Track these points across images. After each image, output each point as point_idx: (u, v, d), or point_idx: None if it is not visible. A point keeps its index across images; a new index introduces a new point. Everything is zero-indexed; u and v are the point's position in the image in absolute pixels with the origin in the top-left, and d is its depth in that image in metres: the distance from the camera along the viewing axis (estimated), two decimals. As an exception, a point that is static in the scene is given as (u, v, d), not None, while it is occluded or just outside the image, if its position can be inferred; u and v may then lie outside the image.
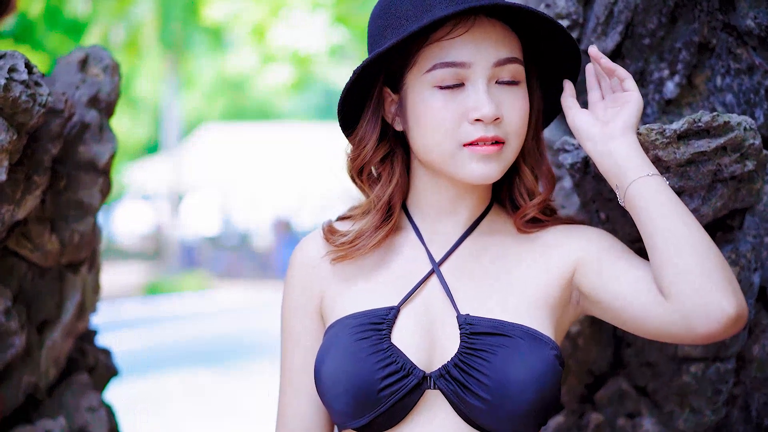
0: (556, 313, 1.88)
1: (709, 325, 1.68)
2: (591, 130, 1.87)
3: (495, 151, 1.82)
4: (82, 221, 2.48)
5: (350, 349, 1.81)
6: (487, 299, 1.86)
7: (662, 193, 1.78)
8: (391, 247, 1.96)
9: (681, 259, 1.71)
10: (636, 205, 1.79)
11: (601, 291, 1.84)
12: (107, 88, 2.49)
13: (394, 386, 1.78)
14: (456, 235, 1.95)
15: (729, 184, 2.08)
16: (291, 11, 18.18)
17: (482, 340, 1.79)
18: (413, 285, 1.89)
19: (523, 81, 1.86)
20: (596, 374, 2.45)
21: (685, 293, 1.69)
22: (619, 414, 2.40)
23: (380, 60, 1.84)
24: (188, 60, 22.84)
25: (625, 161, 1.82)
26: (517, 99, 1.84)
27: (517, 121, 1.85)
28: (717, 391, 2.24)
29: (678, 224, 1.74)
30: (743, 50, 2.20)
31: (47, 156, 2.29)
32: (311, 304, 1.97)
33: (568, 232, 1.94)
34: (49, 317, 2.52)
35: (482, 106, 1.79)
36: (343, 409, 1.81)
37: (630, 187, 1.80)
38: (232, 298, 19.05)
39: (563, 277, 1.89)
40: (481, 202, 1.97)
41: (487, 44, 1.81)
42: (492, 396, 1.75)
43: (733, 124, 1.99)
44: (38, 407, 2.52)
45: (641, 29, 2.26)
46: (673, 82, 2.27)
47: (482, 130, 1.81)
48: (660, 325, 1.75)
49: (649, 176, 1.80)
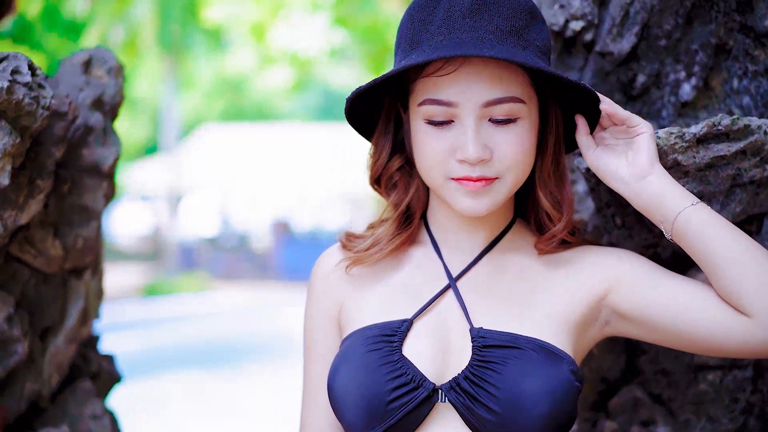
0: (577, 331, 1.85)
1: None
2: (618, 173, 1.85)
3: (481, 186, 1.79)
4: (86, 226, 2.44)
5: (361, 361, 1.80)
6: (504, 316, 1.83)
7: (711, 220, 1.78)
8: (409, 260, 1.95)
9: (755, 278, 1.73)
10: (688, 236, 1.79)
11: (652, 312, 1.83)
12: (111, 90, 2.45)
13: (403, 398, 1.76)
14: (475, 250, 1.92)
15: (748, 189, 2.04)
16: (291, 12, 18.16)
17: (494, 353, 1.76)
18: (429, 298, 1.87)
19: (525, 117, 1.79)
20: (610, 382, 2.41)
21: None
22: (633, 422, 2.36)
23: (380, 84, 1.82)
24: (187, 60, 22.83)
25: (664, 196, 1.80)
26: (512, 137, 1.78)
27: (512, 158, 1.79)
28: (734, 399, 2.21)
29: (738, 246, 1.76)
30: (761, 52, 2.16)
31: (51, 160, 2.25)
32: (330, 316, 1.97)
33: (599, 252, 1.92)
34: (52, 324, 2.48)
35: (466, 148, 1.76)
36: (354, 421, 1.79)
37: (677, 221, 1.79)
38: (231, 299, 19.05)
39: (591, 297, 1.86)
40: (501, 219, 1.94)
41: (477, 85, 1.76)
42: (502, 409, 1.72)
43: (753, 127, 1.96)
44: (41, 415, 2.47)
45: (657, 30, 2.22)
46: (689, 84, 2.23)
47: (467, 170, 1.78)
48: (744, 340, 1.76)
49: (693, 206, 1.79)
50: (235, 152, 26.51)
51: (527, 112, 1.80)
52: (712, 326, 1.78)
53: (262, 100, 29.88)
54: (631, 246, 2.17)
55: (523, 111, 1.79)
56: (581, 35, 2.28)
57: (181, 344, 13.30)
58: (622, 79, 2.29)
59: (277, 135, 27.38)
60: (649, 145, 1.83)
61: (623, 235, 2.17)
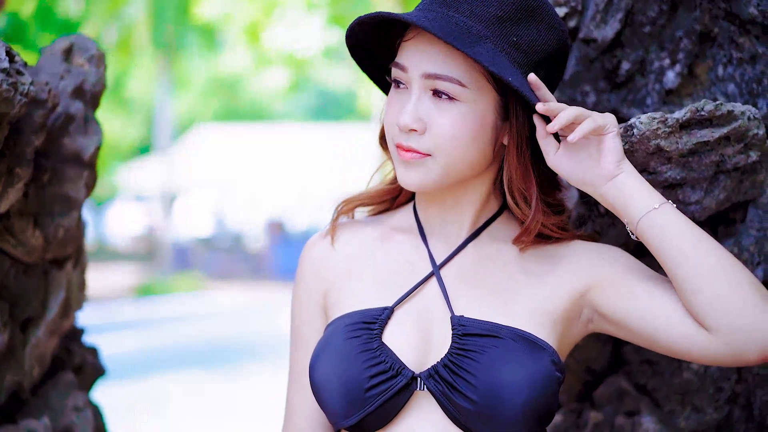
0: (561, 326, 1.83)
1: (758, 351, 1.66)
2: (583, 176, 1.78)
3: (411, 158, 1.79)
4: (66, 216, 2.41)
5: (341, 349, 1.79)
6: (487, 305, 1.82)
7: (673, 226, 1.72)
8: (396, 248, 1.94)
9: (715, 290, 1.67)
10: (650, 240, 1.74)
11: (626, 315, 1.80)
12: (93, 79, 2.42)
13: (381, 386, 1.75)
14: (460, 239, 1.91)
15: (732, 176, 2.03)
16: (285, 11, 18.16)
17: (473, 342, 1.75)
18: (412, 286, 1.87)
19: (467, 101, 1.77)
20: (595, 372, 2.40)
21: (730, 326, 1.66)
22: (618, 412, 2.35)
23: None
24: (181, 60, 22.83)
25: (631, 197, 1.74)
26: (447, 116, 1.77)
27: (442, 136, 1.77)
28: (719, 388, 2.19)
29: (700, 253, 1.69)
30: (746, 39, 2.15)
31: (30, 148, 2.23)
32: (316, 301, 1.97)
33: (587, 249, 1.88)
34: (33, 315, 2.45)
35: (402, 114, 1.78)
36: (333, 408, 1.79)
37: (640, 224, 1.74)
38: (226, 299, 19.03)
39: (572, 293, 1.84)
40: (487, 208, 1.92)
41: (424, 54, 1.77)
42: (480, 398, 1.71)
43: (737, 113, 1.94)
44: (22, 407, 2.45)
45: (641, 17, 2.21)
46: (673, 71, 2.22)
47: (401, 137, 1.80)
48: (705, 354, 1.72)
49: (656, 209, 1.73)
50: (229, 152, 26.51)
51: (470, 98, 1.77)
52: (677, 337, 1.74)
53: (257, 100, 29.88)
54: (615, 234, 2.15)
55: (463, 95, 1.77)
56: (565, 22, 2.26)
57: (175, 345, 13.29)
58: (607, 66, 2.28)
59: (271, 135, 27.38)
60: (613, 145, 1.76)
61: (606, 223, 2.16)
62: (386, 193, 2.02)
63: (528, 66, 1.79)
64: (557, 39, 1.82)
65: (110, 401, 2.84)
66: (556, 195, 1.91)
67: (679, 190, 2.03)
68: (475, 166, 1.83)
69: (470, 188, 1.88)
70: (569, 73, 2.35)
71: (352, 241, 1.98)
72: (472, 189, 1.88)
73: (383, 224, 1.99)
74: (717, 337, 1.68)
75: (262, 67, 21.74)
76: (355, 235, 1.99)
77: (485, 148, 1.81)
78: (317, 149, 25.46)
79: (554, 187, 1.90)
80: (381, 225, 2.00)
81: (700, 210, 2.05)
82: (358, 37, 1.88)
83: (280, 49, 18.65)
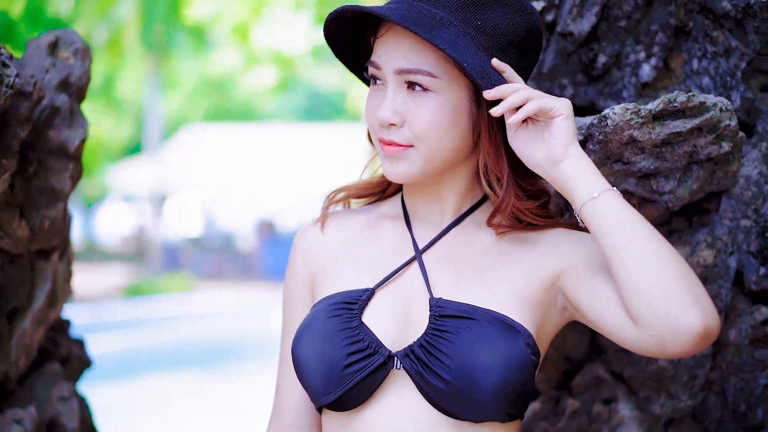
0: (538, 312, 1.85)
1: (680, 345, 1.65)
2: (534, 157, 1.80)
3: (394, 152, 1.84)
4: (52, 207, 2.44)
5: (322, 327, 1.84)
6: (465, 288, 1.85)
7: (611, 215, 1.72)
8: (384, 233, 1.99)
9: (641, 283, 1.67)
10: (591, 227, 1.75)
11: (582, 301, 1.82)
12: (78, 72, 2.45)
13: (359, 364, 1.80)
14: (443, 224, 1.95)
15: (705, 166, 2.07)
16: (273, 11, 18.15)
17: (449, 323, 1.79)
18: (394, 269, 1.91)
19: (439, 91, 1.81)
20: (573, 361, 2.44)
21: (652, 319, 1.66)
22: (595, 400, 2.39)
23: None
24: (171, 60, 22.79)
25: (576, 183, 1.75)
26: (423, 107, 1.82)
27: (420, 127, 1.82)
28: (693, 376, 2.23)
29: (632, 244, 1.69)
30: (719, 33, 2.19)
31: (16, 140, 2.26)
32: (304, 285, 2.02)
33: (564, 237, 1.90)
34: (20, 305, 2.48)
35: (380, 110, 1.83)
36: (313, 385, 1.84)
37: (581, 211, 1.75)
38: (216, 299, 19.01)
39: (546, 280, 1.86)
40: (470, 195, 1.96)
41: (395, 50, 1.83)
42: (454, 378, 1.74)
43: (709, 104, 1.98)
44: (8, 397, 2.48)
45: (617, 11, 2.25)
46: (649, 65, 2.26)
47: (383, 132, 1.85)
48: (636, 346, 1.72)
49: (596, 197, 1.73)
50: (219, 152, 26.48)
51: (443, 87, 1.81)
52: (612, 325, 1.75)
53: (246, 100, 29.85)
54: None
55: (436, 85, 1.81)
56: (542, 16, 2.31)
57: (167, 345, 13.27)
58: (584, 59, 2.32)
59: (261, 135, 27.36)
60: (562, 129, 1.76)
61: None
62: (376, 184, 2.07)
63: (494, 49, 1.82)
64: (525, 21, 1.85)
65: (98, 400, 2.86)
66: (535, 181, 1.93)
67: (653, 179, 2.07)
68: (457, 153, 1.87)
69: (453, 176, 1.92)
70: (547, 66, 2.39)
71: (341, 228, 2.03)
72: (454, 176, 1.92)
73: (372, 213, 2.05)
74: (642, 329, 1.68)
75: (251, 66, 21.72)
76: (345, 223, 2.04)
77: (464, 134, 1.85)
78: (307, 149, 25.46)
79: (532, 173, 1.92)
80: (370, 213, 2.05)
81: (674, 200, 2.09)
82: (336, 36, 1.93)
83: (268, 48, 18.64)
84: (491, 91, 1.76)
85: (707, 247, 2.16)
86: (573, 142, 1.77)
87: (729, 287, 2.18)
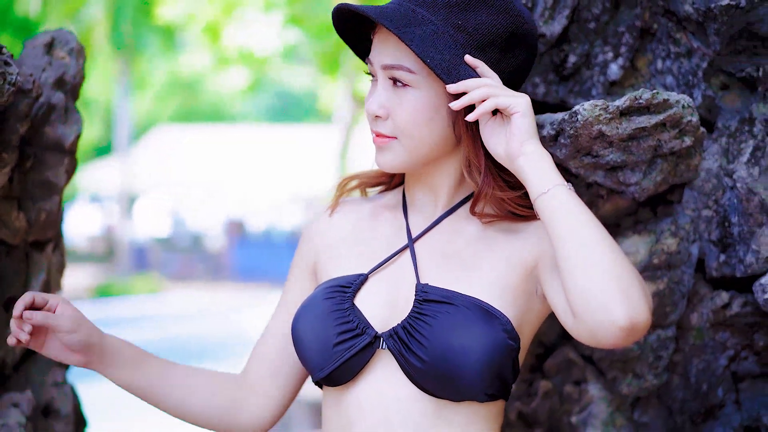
0: (519, 300, 1.94)
1: (609, 338, 1.75)
2: (498, 152, 1.90)
3: (381, 143, 1.98)
4: (48, 200, 2.54)
5: (318, 308, 1.98)
6: (452, 276, 1.95)
7: (560, 210, 1.80)
8: (382, 223, 2.11)
9: (577, 277, 1.76)
10: (543, 221, 1.85)
11: (546, 292, 1.92)
12: (73, 71, 2.56)
13: (347, 343, 1.93)
14: (436, 215, 2.05)
15: (669, 159, 2.20)
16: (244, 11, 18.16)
17: (430, 307, 1.89)
18: (388, 256, 2.03)
19: (418, 87, 1.92)
20: (546, 345, 2.56)
21: (584, 313, 1.75)
22: (566, 381, 2.50)
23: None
24: (140, 61, 22.74)
25: (530, 179, 1.85)
26: (404, 101, 1.93)
27: (402, 120, 1.94)
28: (658, 357, 2.36)
29: (575, 240, 1.78)
30: (682, 35, 2.32)
31: (16, 135, 2.36)
32: (305, 266, 2.16)
33: (543, 227, 1.95)
34: (16, 295, 2.57)
35: (367, 103, 1.97)
36: (309, 361, 1.98)
37: (535, 205, 1.85)
38: (185, 300, 18.97)
39: (524, 268, 1.95)
40: (463, 188, 2.05)
41: (381, 47, 1.96)
42: (430, 358, 1.85)
43: (672, 101, 2.10)
44: (6, 381, 2.57)
45: (587, 14, 2.37)
46: (616, 64, 2.38)
47: (373, 124, 1.99)
48: (575, 335, 1.83)
49: (545, 193, 1.82)
50: (188, 153, 26.44)
51: (421, 83, 1.92)
52: (560, 315, 1.86)
53: (216, 101, 29.82)
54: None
55: (414, 81, 1.92)
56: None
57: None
58: (555, 60, 2.43)
59: (230, 136, 27.33)
60: (518, 125, 1.85)
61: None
62: (382, 174, 2.19)
63: (473, 47, 1.91)
64: (510, 22, 1.93)
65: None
66: None
67: (620, 172, 2.20)
68: (440, 145, 1.97)
69: (444, 167, 2.02)
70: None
71: (348, 216, 2.15)
72: (446, 168, 2.02)
73: (377, 202, 2.17)
74: (577, 320, 1.79)
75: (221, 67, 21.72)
76: (352, 211, 2.16)
77: (443, 128, 1.95)
78: (277, 150, 25.46)
79: None
80: (375, 202, 2.17)
81: (639, 191, 2.22)
82: (347, 35, 2.06)
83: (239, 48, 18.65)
84: (454, 85, 1.87)
85: (671, 236, 2.29)
86: (529, 139, 1.86)
87: (691, 273, 2.31)
